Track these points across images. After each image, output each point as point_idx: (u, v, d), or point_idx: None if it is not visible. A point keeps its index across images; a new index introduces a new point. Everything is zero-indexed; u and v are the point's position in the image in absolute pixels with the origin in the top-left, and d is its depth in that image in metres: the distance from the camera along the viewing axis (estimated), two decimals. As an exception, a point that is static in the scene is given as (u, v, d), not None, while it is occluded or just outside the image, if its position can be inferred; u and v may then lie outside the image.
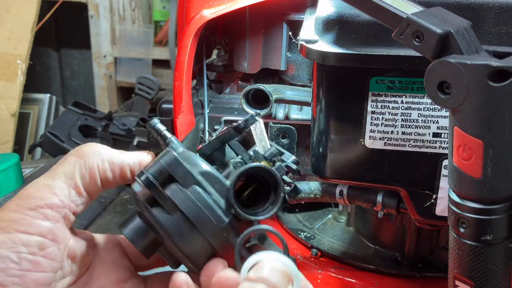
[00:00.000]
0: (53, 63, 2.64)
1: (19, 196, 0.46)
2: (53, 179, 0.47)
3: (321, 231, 0.85)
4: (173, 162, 0.47)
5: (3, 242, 0.43)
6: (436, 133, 0.58)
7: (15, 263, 0.43)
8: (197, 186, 0.46)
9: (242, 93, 0.70)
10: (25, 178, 1.00)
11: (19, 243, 0.43)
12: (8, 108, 1.88)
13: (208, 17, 0.69)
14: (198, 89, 0.85)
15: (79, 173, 0.47)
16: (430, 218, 0.61)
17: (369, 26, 0.56)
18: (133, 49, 2.35)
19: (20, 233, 0.43)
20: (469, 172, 0.40)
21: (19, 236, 0.43)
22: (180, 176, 0.46)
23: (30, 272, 0.43)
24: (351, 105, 0.59)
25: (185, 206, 0.46)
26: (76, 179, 0.47)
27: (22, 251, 0.43)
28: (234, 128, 0.50)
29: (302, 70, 0.77)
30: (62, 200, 0.46)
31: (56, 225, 0.45)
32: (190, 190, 0.46)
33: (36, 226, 0.44)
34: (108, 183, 0.49)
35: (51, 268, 0.45)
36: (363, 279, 0.75)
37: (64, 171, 0.47)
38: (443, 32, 0.40)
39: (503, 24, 0.54)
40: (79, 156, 0.48)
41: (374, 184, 0.62)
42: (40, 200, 0.45)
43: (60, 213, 0.46)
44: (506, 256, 0.42)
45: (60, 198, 0.46)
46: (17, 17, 1.95)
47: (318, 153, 0.63)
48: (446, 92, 0.39)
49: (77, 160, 0.48)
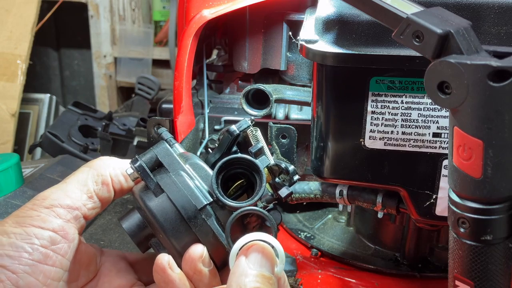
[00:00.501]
0: (53, 63, 2.64)
1: (36, 197, 0.50)
2: (67, 184, 0.51)
3: (321, 231, 0.85)
4: (163, 150, 0.51)
5: (19, 234, 0.47)
6: (436, 133, 0.58)
7: (28, 253, 0.47)
8: (183, 171, 0.49)
9: (242, 93, 0.70)
10: (25, 178, 1.00)
11: (32, 235, 0.47)
12: (8, 108, 1.88)
13: (208, 17, 0.69)
14: (198, 89, 0.85)
15: (92, 180, 0.52)
16: (430, 218, 0.61)
17: (369, 26, 0.56)
18: (133, 49, 2.35)
19: (34, 227, 0.48)
20: (469, 172, 0.40)
21: (33, 230, 0.48)
22: (168, 163, 0.50)
23: (41, 264, 0.47)
24: (351, 105, 0.59)
25: (167, 187, 0.49)
26: (89, 185, 0.51)
27: (35, 243, 0.47)
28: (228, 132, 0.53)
29: (302, 70, 0.77)
30: (74, 202, 0.50)
31: (67, 224, 0.49)
32: (174, 174, 0.49)
33: (49, 222, 0.48)
34: (121, 190, 0.53)
35: (60, 263, 0.48)
36: (363, 279, 0.75)
37: (78, 179, 0.52)
38: (443, 32, 0.40)
39: (503, 24, 0.54)
40: (92, 166, 0.53)
41: (374, 184, 0.62)
42: (54, 200, 0.49)
43: (72, 213, 0.50)
44: (506, 256, 0.42)
45: (73, 200, 0.50)
46: (17, 17, 1.95)
47: (318, 153, 0.63)
48: (446, 92, 0.39)
49: (90, 170, 0.52)
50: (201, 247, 0.48)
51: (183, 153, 0.52)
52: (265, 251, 0.44)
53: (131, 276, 0.55)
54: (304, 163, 0.80)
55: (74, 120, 1.54)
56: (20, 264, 0.46)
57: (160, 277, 0.48)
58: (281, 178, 0.52)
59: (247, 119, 0.53)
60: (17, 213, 0.49)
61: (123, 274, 0.55)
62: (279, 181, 0.52)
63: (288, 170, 0.51)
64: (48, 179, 1.02)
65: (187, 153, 0.53)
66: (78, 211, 0.50)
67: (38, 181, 0.99)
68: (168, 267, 0.48)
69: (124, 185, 0.53)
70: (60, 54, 2.64)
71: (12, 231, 0.47)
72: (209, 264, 0.48)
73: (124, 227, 0.51)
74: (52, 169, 1.08)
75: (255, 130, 0.54)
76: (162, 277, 0.48)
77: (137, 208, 0.52)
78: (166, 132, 0.55)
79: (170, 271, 0.48)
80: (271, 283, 0.43)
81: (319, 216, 0.90)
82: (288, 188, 0.51)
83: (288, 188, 0.51)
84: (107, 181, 0.52)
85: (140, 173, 0.50)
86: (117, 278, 0.54)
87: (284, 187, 0.51)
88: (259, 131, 0.54)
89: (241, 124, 0.53)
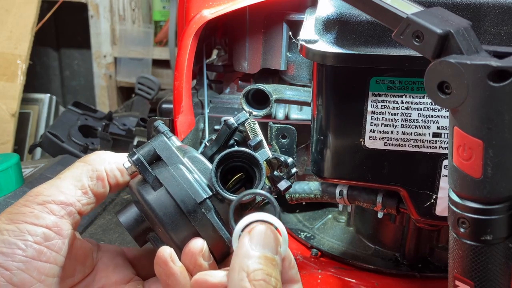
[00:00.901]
0: (53, 63, 2.64)
1: (29, 193, 0.50)
2: (61, 180, 0.50)
3: (321, 231, 0.85)
4: (161, 144, 0.50)
5: (12, 231, 0.46)
6: (436, 133, 0.58)
7: (21, 249, 0.46)
8: (181, 165, 0.49)
9: (242, 93, 0.70)
10: (25, 178, 1.00)
11: (26, 232, 0.47)
12: (8, 108, 1.89)
13: (208, 17, 0.69)
14: (198, 89, 0.85)
15: (86, 175, 0.51)
16: (430, 218, 0.61)
17: (369, 26, 0.56)
18: (133, 49, 2.35)
19: (27, 224, 0.47)
20: (469, 172, 0.40)
21: (26, 226, 0.47)
22: (166, 156, 0.49)
23: (35, 260, 0.46)
24: (351, 105, 0.59)
25: (166, 181, 0.48)
26: (83, 180, 0.51)
27: (28, 239, 0.46)
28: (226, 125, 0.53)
29: (302, 70, 0.77)
30: (68, 198, 0.49)
31: (61, 220, 0.48)
32: (173, 168, 0.49)
33: (42, 219, 0.47)
34: (117, 184, 0.52)
35: (54, 260, 0.48)
36: (363, 279, 0.75)
37: (72, 174, 0.51)
38: (443, 32, 0.40)
39: (503, 24, 0.54)
40: (87, 161, 0.52)
41: (374, 184, 0.62)
42: (48, 197, 0.49)
43: (66, 210, 0.49)
44: (506, 256, 0.42)
45: (67, 196, 0.49)
46: (17, 17, 1.96)
47: (318, 153, 0.63)
48: (446, 92, 0.39)
49: (85, 165, 0.52)
50: (201, 241, 0.48)
51: (181, 146, 0.52)
52: (268, 232, 0.44)
53: (128, 271, 0.55)
54: (304, 163, 0.80)
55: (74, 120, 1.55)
56: (14, 261, 0.46)
57: (162, 270, 0.48)
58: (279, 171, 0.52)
59: (245, 112, 0.53)
60: (10, 210, 0.48)
61: (121, 269, 0.54)
62: (277, 174, 0.52)
63: (287, 163, 0.51)
64: (48, 179, 1.02)
65: (185, 146, 0.52)
66: (72, 207, 0.49)
67: (38, 181, 0.99)
68: (170, 260, 0.47)
69: (120, 179, 0.52)
70: (60, 54, 2.64)
71: (4, 228, 0.47)
72: (209, 258, 0.48)
73: (121, 220, 0.51)
74: (52, 169, 1.08)
75: (253, 123, 0.53)
76: (164, 270, 0.48)
77: (134, 202, 0.52)
78: (163, 125, 0.54)
79: (172, 264, 0.47)
80: (274, 265, 0.42)
81: (319, 216, 0.90)
82: (287, 181, 0.51)
83: (287, 181, 0.51)
84: (102, 176, 0.51)
85: (138, 167, 0.49)
86: (114, 273, 0.54)
87: (283, 180, 0.51)
88: (257, 124, 0.54)
89: (239, 117, 0.52)
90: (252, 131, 0.53)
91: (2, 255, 0.46)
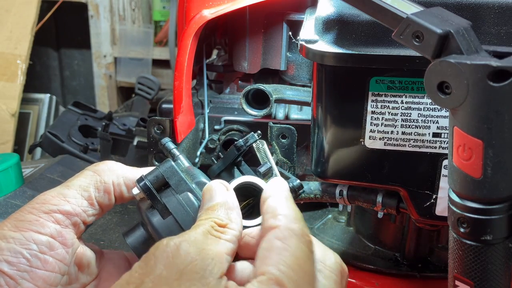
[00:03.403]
0: (53, 63, 2.64)
1: (35, 200, 0.49)
2: (68, 188, 0.50)
3: (321, 231, 0.85)
4: (170, 169, 0.50)
5: (17, 239, 0.47)
6: (436, 133, 0.58)
7: (26, 259, 0.46)
8: (190, 192, 0.49)
9: (242, 93, 0.70)
10: (25, 178, 1.00)
11: (31, 241, 0.47)
12: (8, 108, 1.89)
13: (208, 17, 0.69)
14: (198, 89, 0.85)
15: (94, 186, 0.51)
16: (430, 218, 0.61)
17: (369, 26, 0.56)
18: (133, 49, 2.35)
19: (33, 232, 0.47)
20: (469, 172, 0.40)
21: (31, 234, 0.47)
22: (174, 182, 0.50)
23: (39, 269, 0.47)
24: (351, 105, 0.59)
25: (175, 209, 0.48)
26: (90, 191, 0.50)
27: (33, 248, 0.47)
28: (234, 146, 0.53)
29: (302, 70, 0.77)
30: (74, 208, 0.49)
31: (65, 230, 0.49)
32: (182, 196, 0.49)
33: (47, 228, 0.48)
34: (122, 198, 0.53)
35: (59, 269, 0.48)
36: (363, 279, 0.75)
37: (80, 183, 0.51)
38: (443, 32, 0.40)
39: (503, 24, 0.54)
40: (95, 171, 0.52)
41: (374, 184, 0.62)
42: (54, 206, 0.49)
43: (71, 220, 0.49)
44: (506, 256, 0.42)
45: (73, 206, 0.49)
46: (17, 17, 1.95)
47: (318, 153, 0.63)
48: (446, 92, 0.39)
49: (93, 175, 0.51)
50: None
51: (188, 169, 0.52)
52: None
53: None
54: (304, 163, 0.80)
55: (74, 120, 1.54)
56: (19, 270, 0.46)
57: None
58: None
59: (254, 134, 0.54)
60: (16, 216, 0.48)
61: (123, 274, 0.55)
62: None
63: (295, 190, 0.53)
64: (48, 179, 1.02)
65: (192, 168, 0.52)
66: (78, 217, 0.49)
67: (38, 181, 0.99)
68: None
69: (126, 195, 0.52)
70: (60, 54, 2.64)
71: (10, 235, 0.47)
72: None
73: (128, 242, 0.51)
74: (52, 169, 1.08)
75: (262, 143, 0.54)
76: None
77: (142, 224, 0.52)
78: (170, 142, 0.54)
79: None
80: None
81: (319, 216, 0.90)
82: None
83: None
84: (109, 190, 0.51)
85: (147, 195, 0.49)
86: (117, 279, 0.54)
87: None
88: (265, 144, 0.54)
89: (247, 139, 0.53)
90: (260, 153, 0.54)
91: (8, 264, 0.46)
